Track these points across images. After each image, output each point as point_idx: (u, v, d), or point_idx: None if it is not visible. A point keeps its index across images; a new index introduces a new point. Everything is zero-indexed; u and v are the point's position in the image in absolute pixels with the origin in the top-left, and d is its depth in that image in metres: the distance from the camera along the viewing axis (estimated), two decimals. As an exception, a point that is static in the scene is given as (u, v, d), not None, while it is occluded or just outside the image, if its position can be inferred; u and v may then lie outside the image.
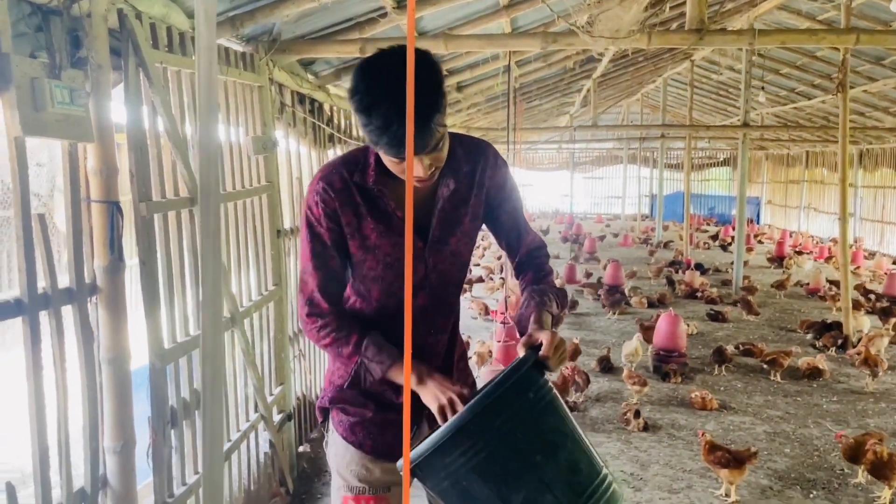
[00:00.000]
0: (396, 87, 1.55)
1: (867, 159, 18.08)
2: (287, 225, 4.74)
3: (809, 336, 8.47)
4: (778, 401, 6.34)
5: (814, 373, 6.93)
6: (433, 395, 1.78)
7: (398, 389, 1.94)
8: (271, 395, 4.15)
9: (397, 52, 1.64)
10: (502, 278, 9.42)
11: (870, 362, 6.69)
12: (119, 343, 2.64)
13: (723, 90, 17.62)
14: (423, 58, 1.63)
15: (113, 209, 2.62)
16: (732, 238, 16.29)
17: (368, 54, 1.72)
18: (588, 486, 1.54)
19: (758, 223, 25.16)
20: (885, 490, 4.45)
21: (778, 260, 14.99)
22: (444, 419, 1.73)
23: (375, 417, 1.98)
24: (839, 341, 7.99)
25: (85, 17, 2.45)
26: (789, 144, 20.97)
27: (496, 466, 1.49)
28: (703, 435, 4.60)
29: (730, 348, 7.40)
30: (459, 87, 8.82)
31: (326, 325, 1.89)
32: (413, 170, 1.30)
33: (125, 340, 2.66)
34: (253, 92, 4.04)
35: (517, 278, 2.03)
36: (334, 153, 6.16)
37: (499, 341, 6.70)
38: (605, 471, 1.59)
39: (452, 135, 1.87)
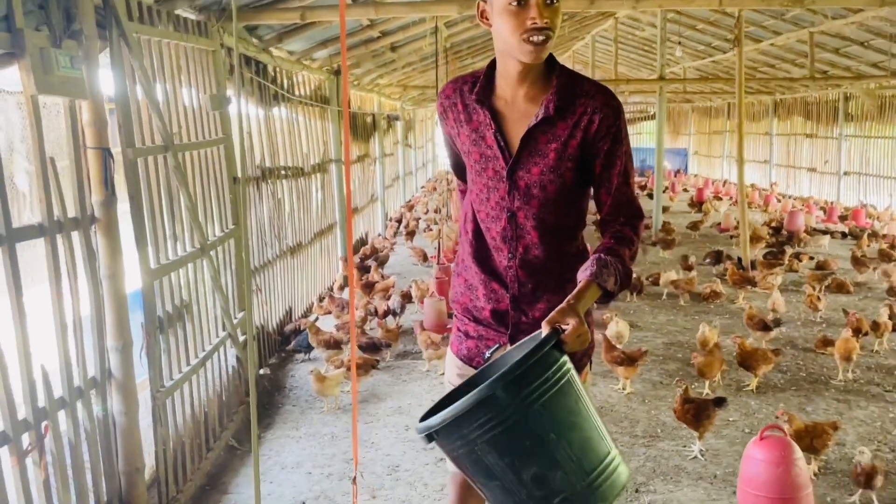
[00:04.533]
0: None
1: (781, 108, 19.30)
2: (239, 174, 5.35)
3: (707, 262, 9.60)
4: (678, 319, 7.29)
5: (713, 296, 7.91)
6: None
7: (479, 307, 2.09)
8: (236, 318, 4.82)
9: None
10: (439, 228, 10.17)
11: (742, 281, 7.86)
12: (115, 263, 3.28)
13: (647, 46, 18.49)
14: None
15: (105, 154, 3.24)
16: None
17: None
18: (597, 465, 1.61)
19: (686, 173, 26.42)
20: (752, 379, 5.39)
21: (698, 205, 16.12)
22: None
23: (461, 327, 2.19)
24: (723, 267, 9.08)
25: (76, -4, 3.03)
26: (711, 97, 22.07)
27: (511, 441, 1.55)
28: (604, 338, 5.46)
29: (641, 278, 8.31)
30: (394, 48, 9.40)
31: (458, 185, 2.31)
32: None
33: (120, 261, 3.30)
34: (208, 56, 4.62)
35: (601, 234, 1.98)
36: (279, 111, 6.76)
37: (437, 278, 7.50)
38: (613, 451, 1.65)
39: (574, 74, 1.96)
